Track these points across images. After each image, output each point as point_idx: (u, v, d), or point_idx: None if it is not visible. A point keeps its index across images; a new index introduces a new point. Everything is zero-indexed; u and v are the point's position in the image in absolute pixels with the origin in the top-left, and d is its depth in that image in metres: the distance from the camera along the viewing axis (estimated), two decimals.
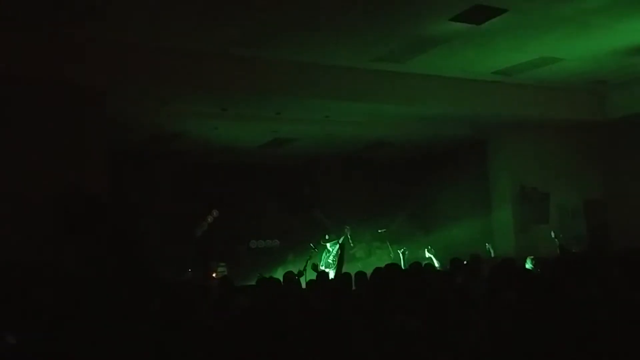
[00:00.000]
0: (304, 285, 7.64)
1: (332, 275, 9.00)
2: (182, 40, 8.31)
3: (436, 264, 8.51)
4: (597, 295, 4.47)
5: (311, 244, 10.95)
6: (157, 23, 7.74)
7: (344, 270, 7.97)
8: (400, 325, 3.74)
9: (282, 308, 4.57)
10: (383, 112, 10.79)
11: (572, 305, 3.96)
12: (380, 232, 13.33)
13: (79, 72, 8.00)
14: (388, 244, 11.70)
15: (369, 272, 5.56)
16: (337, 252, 10.45)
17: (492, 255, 9.36)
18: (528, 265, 7.42)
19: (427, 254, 9.07)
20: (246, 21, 7.77)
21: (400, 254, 9.11)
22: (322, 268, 9.99)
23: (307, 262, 9.73)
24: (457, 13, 7.69)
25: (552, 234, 9.44)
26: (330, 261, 10.71)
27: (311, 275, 9.10)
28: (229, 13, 7.52)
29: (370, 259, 12.55)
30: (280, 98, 9.66)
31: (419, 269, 6.29)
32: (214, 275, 11.92)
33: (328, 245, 11.12)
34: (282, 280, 6.51)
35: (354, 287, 6.25)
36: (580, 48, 9.30)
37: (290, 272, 7.12)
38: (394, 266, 5.32)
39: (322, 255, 11.10)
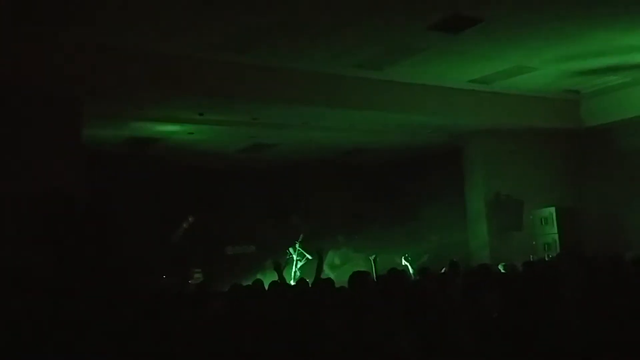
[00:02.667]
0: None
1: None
2: (159, 45, 8.26)
3: (411, 272, 8.49)
4: (568, 300, 4.57)
5: (288, 250, 10.97)
6: (134, 27, 7.69)
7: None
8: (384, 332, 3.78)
9: (254, 315, 4.57)
10: (361, 118, 10.84)
11: (543, 307, 4.04)
12: (357, 238, 13.36)
13: (56, 75, 7.91)
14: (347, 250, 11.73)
15: (344, 279, 5.58)
16: (303, 263, 10.49)
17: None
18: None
19: (404, 262, 9.05)
20: (224, 26, 7.77)
21: (372, 261, 8.80)
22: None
23: (284, 269, 9.67)
24: (434, 22, 7.79)
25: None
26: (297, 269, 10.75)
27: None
28: (207, 18, 7.50)
29: (346, 267, 12.55)
30: (258, 104, 9.65)
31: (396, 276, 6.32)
32: (189, 281, 11.83)
33: (294, 255, 11.09)
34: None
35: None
36: (554, 57, 9.48)
37: (259, 280, 7.10)
38: (363, 273, 5.33)
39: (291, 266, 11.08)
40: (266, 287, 6.59)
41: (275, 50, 8.67)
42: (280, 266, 7.62)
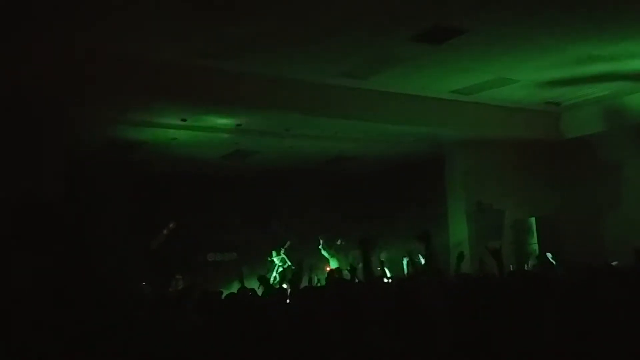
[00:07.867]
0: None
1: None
2: (142, 50, 8.24)
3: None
4: (548, 308, 4.60)
5: (271, 253, 10.99)
6: (117, 31, 7.66)
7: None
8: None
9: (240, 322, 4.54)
10: (344, 127, 10.88)
11: (524, 317, 4.07)
12: (339, 244, 13.38)
13: (36, 79, 7.85)
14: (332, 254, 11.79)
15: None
16: (281, 267, 10.46)
17: None
18: None
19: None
20: (209, 33, 7.77)
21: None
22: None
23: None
24: (417, 33, 7.86)
25: None
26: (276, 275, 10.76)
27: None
28: (192, 25, 7.51)
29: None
30: (241, 111, 9.65)
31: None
32: (169, 289, 11.75)
33: (276, 260, 11.10)
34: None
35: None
36: (535, 70, 9.60)
37: (244, 287, 7.04)
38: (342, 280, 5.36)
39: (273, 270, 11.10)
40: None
41: (259, 59, 8.69)
42: (265, 279, 7.65)
